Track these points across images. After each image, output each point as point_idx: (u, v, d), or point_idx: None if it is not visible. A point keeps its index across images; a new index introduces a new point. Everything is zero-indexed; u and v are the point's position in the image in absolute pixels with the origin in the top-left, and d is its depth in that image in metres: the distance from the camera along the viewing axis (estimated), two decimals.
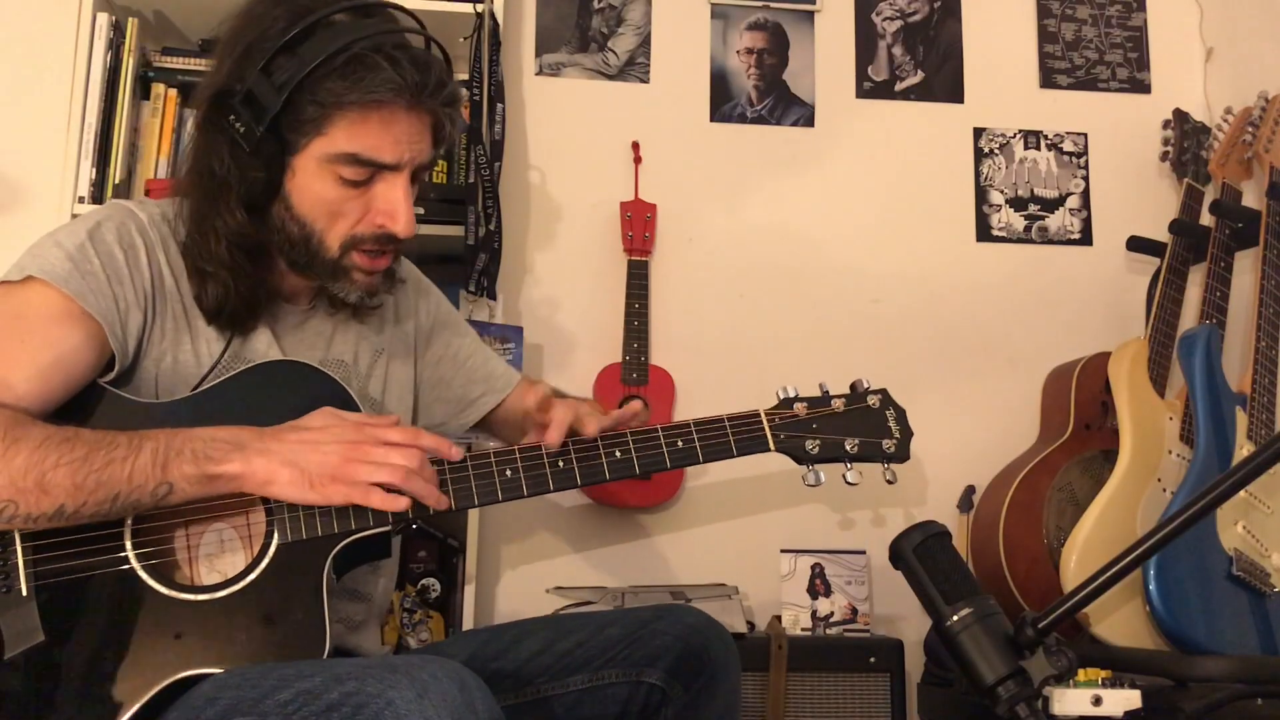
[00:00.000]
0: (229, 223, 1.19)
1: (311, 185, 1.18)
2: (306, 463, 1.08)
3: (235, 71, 1.16)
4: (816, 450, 1.28)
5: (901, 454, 1.31)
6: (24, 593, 1.05)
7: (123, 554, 1.09)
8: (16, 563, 1.06)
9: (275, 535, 1.11)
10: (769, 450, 1.29)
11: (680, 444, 1.25)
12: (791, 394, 1.31)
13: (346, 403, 1.19)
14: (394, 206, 1.19)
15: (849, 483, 1.28)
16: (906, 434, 1.32)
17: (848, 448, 1.29)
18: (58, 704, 1.03)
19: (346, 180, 1.17)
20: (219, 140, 1.17)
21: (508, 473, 1.19)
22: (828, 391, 1.32)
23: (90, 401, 1.15)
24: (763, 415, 1.29)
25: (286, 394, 1.18)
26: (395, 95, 1.14)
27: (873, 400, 1.32)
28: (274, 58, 1.13)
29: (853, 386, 1.33)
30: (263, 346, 1.27)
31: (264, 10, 1.17)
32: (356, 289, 1.25)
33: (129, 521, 1.10)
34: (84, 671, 1.05)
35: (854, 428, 1.30)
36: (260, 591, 1.10)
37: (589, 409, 1.29)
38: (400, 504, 1.10)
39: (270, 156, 1.16)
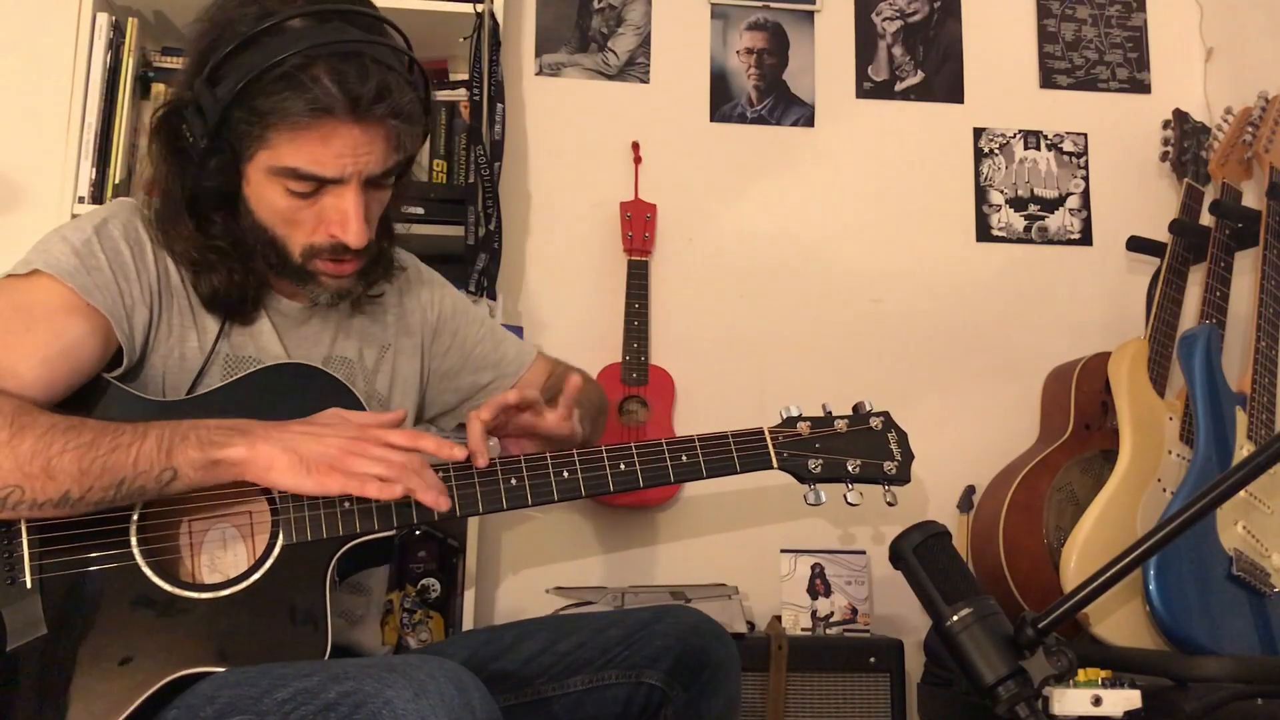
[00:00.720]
0: (185, 231, 1.20)
1: (264, 194, 1.18)
2: (306, 451, 1.08)
3: (187, 80, 1.16)
4: (819, 469, 1.29)
5: (902, 476, 1.31)
6: (28, 585, 1.05)
7: (127, 549, 1.09)
8: (22, 555, 1.06)
9: (280, 536, 1.12)
10: (772, 468, 1.29)
11: (685, 458, 1.26)
12: (795, 413, 1.32)
13: (353, 405, 1.20)
14: (343, 217, 1.18)
15: (850, 503, 1.29)
16: (908, 456, 1.32)
17: (849, 468, 1.29)
18: (58, 697, 1.03)
19: (294, 192, 1.17)
20: (169, 149, 1.18)
21: (513, 480, 1.20)
22: (830, 412, 1.33)
23: (99, 396, 1.15)
24: (766, 433, 1.30)
25: (294, 397, 1.19)
26: (324, 113, 1.11)
27: (875, 422, 1.33)
28: (218, 66, 1.12)
29: (855, 408, 1.33)
30: (266, 341, 1.27)
31: (225, 14, 1.15)
32: (326, 291, 1.25)
33: (135, 517, 1.10)
34: (85, 666, 1.05)
35: (856, 449, 1.31)
36: (263, 591, 1.10)
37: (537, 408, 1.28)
38: (394, 491, 1.09)
39: (222, 165, 1.16)
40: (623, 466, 1.24)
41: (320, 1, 1.15)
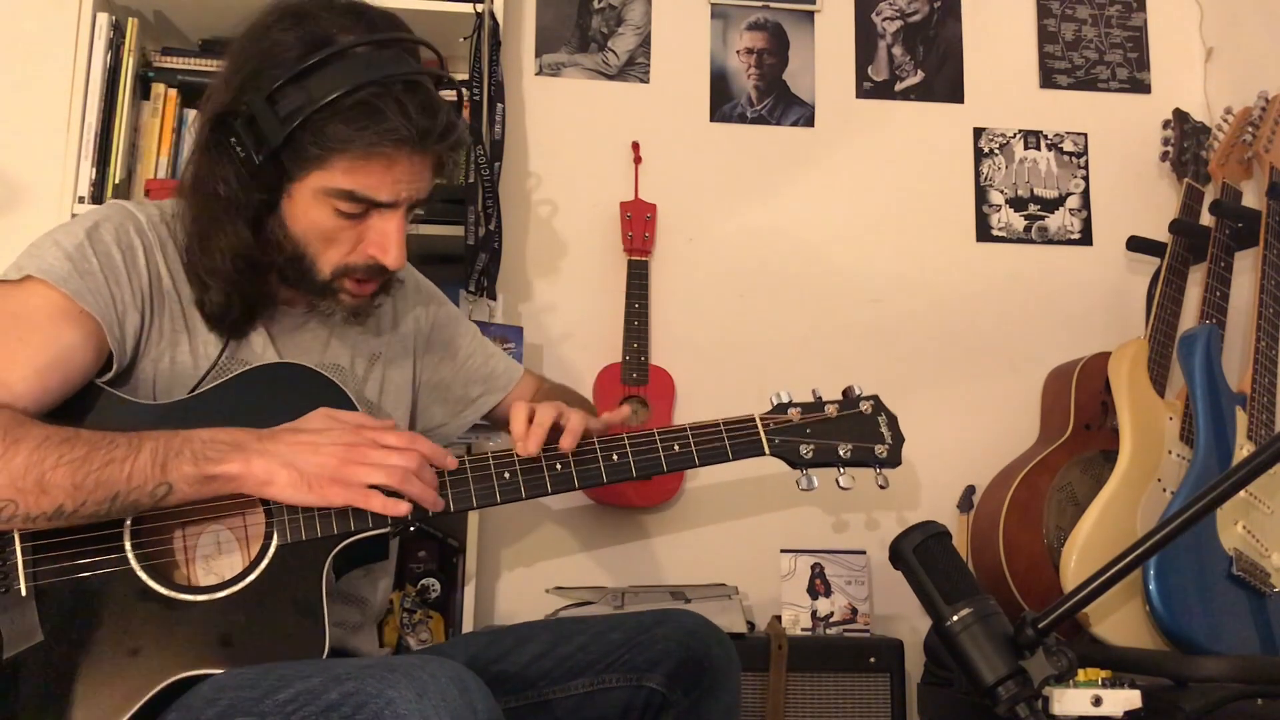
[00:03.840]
0: (232, 240, 1.19)
1: (308, 212, 1.18)
2: (305, 464, 1.09)
3: (241, 93, 1.15)
4: (810, 455, 1.29)
5: (893, 459, 1.32)
6: (23, 592, 1.05)
7: (122, 554, 1.09)
8: (16, 563, 1.06)
9: (274, 537, 1.11)
10: (764, 454, 1.30)
11: (676, 448, 1.26)
12: (785, 399, 1.32)
13: (345, 405, 1.19)
14: (386, 240, 1.19)
15: (842, 487, 1.29)
16: (898, 439, 1.33)
17: (841, 452, 1.30)
18: (56, 704, 1.03)
19: (342, 212, 1.17)
20: (220, 160, 1.17)
21: (506, 475, 1.20)
22: (821, 397, 1.33)
23: (90, 402, 1.15)
24: (758, 420, 1.30)
25: (285, 396, 1.18)
26: (397, 144, 1.13)
27: (865, 406, 1.33)
28: (281, 86, 1.12)
29: (845, 393, 1.34)
30: (259, 349, 1.27)
31: (278, 34, 1.15)
32: (343, 308, 1.26)
33: (128, 522, 1.10)
34: (83, 672, 1.05)
35: (847, 433, 1.31)
36: (260, 592, 1.10)
37: (577, 408, 1.28)
38: (401, 509, 1.11)
39: (269, 180, 1.16)
40: (615, 458, 1.24)
41: (374, 29, 1.16)
